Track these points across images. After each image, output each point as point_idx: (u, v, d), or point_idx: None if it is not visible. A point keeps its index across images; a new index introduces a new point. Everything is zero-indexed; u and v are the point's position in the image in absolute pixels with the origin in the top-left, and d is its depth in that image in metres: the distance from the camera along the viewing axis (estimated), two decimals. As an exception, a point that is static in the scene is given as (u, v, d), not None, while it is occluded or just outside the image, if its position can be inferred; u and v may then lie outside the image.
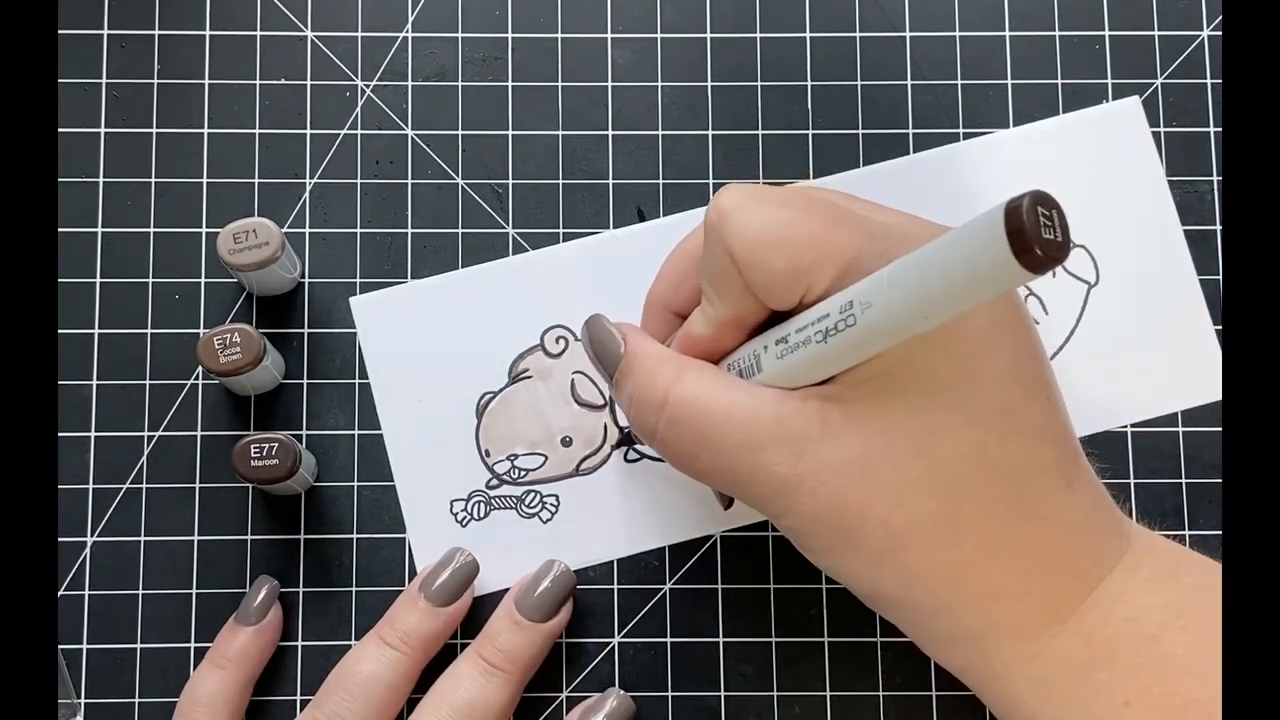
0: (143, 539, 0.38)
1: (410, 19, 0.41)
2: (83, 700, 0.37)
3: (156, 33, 0.40)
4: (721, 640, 0.38)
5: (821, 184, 0.32)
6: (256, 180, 0.40)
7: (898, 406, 0.27)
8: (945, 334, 0.27)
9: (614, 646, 0.38)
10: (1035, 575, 0.28)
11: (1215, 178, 0.40)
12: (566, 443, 0.39)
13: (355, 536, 0.38)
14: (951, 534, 0.28)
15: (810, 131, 0.40)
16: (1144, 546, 0.30)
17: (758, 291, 0.29)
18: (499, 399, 0.39)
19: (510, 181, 0.40)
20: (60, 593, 0.38)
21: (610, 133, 0.40)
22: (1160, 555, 0.30)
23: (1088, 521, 0.29)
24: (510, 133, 0.40)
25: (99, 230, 0.39)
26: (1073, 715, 0.28)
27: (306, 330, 0.39)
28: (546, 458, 0.39)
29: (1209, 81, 0.41)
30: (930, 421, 0.27)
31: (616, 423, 0.39)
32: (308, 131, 0.40)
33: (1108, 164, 0.40)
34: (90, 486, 0.38)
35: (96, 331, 0.39)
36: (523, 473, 0.39)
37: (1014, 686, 0.29)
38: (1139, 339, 0.39)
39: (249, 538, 0.38)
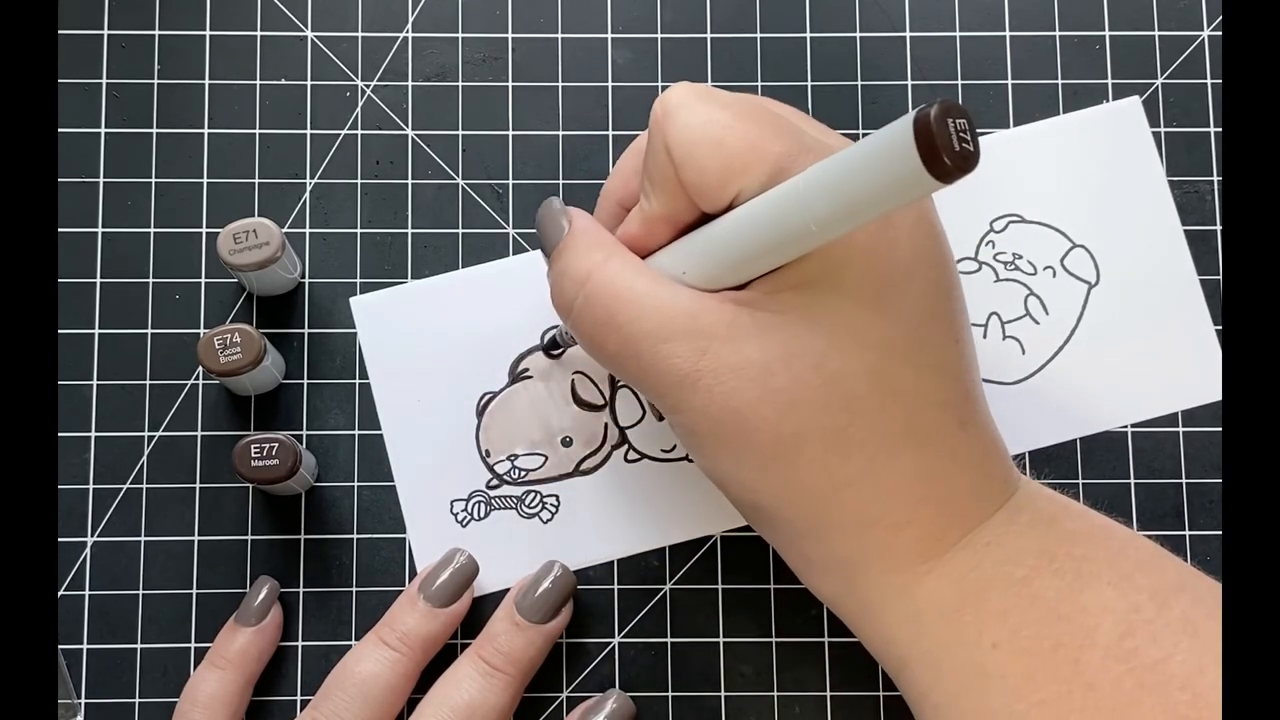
0: (143, 539, 0.38)
1: (410, 19, 0.41)
2: (83, 700, 0.37)
3: (156, 33, 0.40)
4: (721, 640, 0.38)
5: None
6: (256, 180, 0.40)
7: (805, 319, 0.28)
8: (864, 259, 0.28)
9: (614, 646, 0.38)
10: (916, 505, 0.28)
11: (1215, 178, 0.40)
12: (566, 443, 0.39)
13: (355, 536, 0.38)
14: (838, 449, 0.28)
15: (810, 131, 0.40)
16: (1028, 494, 0.30)
17: (690, 190, 0.29)
18: (499, 399, 0.39)
19: (510, 181, 0.40)
20: (60, 593, 0.38)
21: (610, 133, 0.40)
22: (1041, 503, 0.30)
23: (976, 463, 0.29)
24: (510, 133, 0.40)
25: (99, 230, 0.39)
26: (942, 655, 0.28)
27: (306, 330, 0.39)
28: (546, 458, 0.39)
29: (1209, 81, 0.41)
30: (835, 339, 0.28)
31: (616, 422, 0.39)
32: (308, 131, 0.40)
33: (1108, 164, 0.40)
34: (90, 486, 0.38)
35: (96, 331, 0.39)
36: (523, 473, 0.39)
37: (885, 621, 0.29)
38: (1139, 339, 0.39)
39: (249, 538, 0.38)
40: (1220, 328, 0.39)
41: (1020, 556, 0.28)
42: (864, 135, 0.40)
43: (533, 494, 0.39)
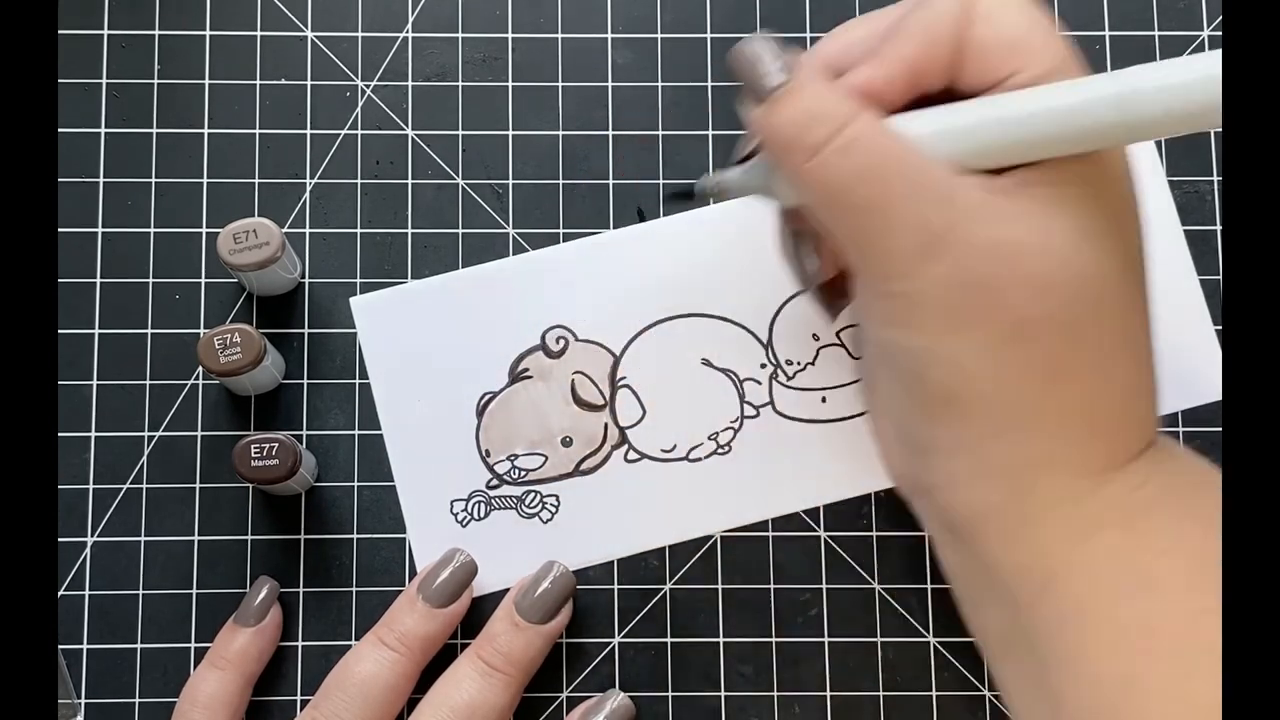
0: (143, 539, 0.38)
1: (410, 19, 0.41)
2: (83, 700, 0.37)
3: (156, 33, 0.40)
4: (721, 640, 0.38)
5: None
6: (256, 180, 0.40)
7: (1062, 215, 0.28)
8: (1114, 178, 0.29)
9: (614, 647, 0.38)
10: (1121, 412, 0.29)
11: (1215, 178, 0.40)
12: (566, 443, 0.39)
13: (355, 536, 0.38)
14: (1073, 342, 0.28)
15: (810, 131, 0.40)
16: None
17: (971, 50, 0.28)
18: (499, 399, 0.39)
19: (510, 181, 0.40)
20: (60, 593, 0.38)
21: (610, 133, 0.40)
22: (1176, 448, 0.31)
23: (1156, 390, 0.30)
24: (510, 133, 0.40)
25: (99, 230, 0.39)
26: (1105, 562, 0.28)
27: (306, 330, 0.39)
28: (546, 458, 0.39)
29: (1209, 81, 0.40)
30: (1087, 239, 0.28)
31: (616, 422, 0.39)
32: (308, 131, 0.40)
33: (1108, 164, 0.40)
34: (90, 486, 0.38)
35: (96, 331, 0.39)
36: (523, 473, 0.39)
37: (1046, 531, 0.29)
38: (1139, 339, 0.39)
39: (249, 538, 0.38)
40: (1220, 328, 0.39)
41: (1190, 469, 0.30)
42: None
43: (533, 494, 0.39)
